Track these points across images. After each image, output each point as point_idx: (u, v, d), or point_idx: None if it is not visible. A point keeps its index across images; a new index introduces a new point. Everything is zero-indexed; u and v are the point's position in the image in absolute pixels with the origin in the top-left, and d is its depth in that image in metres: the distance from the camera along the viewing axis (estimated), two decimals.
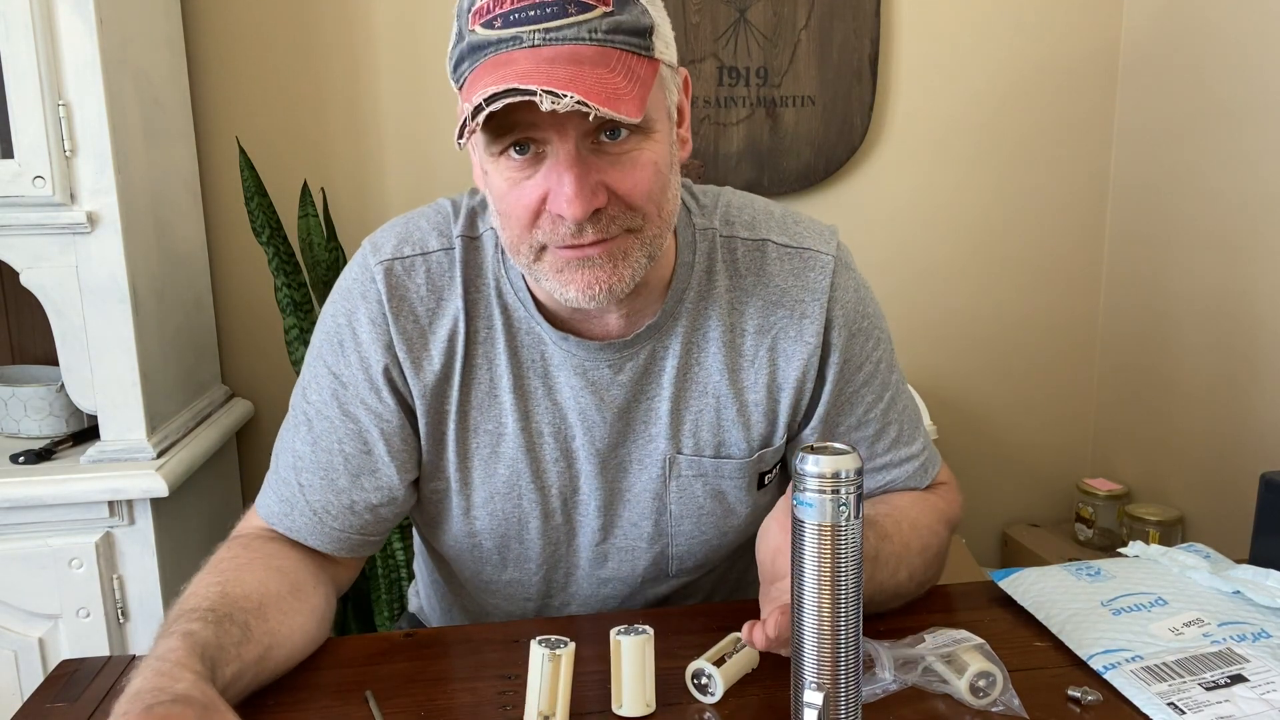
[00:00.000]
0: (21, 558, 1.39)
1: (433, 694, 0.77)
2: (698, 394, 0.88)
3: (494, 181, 0.76)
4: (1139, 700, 0.72)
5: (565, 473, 0.89)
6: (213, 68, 1.81)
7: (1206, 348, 1.83)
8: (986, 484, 2.19)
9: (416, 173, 1.89)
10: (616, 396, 0.87)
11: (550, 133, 0.71)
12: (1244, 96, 1.71)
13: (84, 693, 0.79)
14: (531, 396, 0.87)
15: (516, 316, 0.86)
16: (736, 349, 0.88)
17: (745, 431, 0.89)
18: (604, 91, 0.67)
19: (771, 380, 0.89)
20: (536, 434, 0.88)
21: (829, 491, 0.60)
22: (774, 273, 0.88)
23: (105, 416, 1.45)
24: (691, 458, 0.89)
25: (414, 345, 0.85)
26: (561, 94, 0.65)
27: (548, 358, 0.87)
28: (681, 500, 0.90)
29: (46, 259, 1.40)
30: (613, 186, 0.73)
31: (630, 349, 0.86)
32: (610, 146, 0.73)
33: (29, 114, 1.34)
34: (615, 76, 0.69)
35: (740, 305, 0.88)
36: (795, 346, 0.88)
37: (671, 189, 0.79)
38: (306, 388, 0.88)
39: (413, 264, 0.86)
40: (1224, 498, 1.80)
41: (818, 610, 0.62)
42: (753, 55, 1.91)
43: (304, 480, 0.86)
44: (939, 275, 2.08)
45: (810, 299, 0.88)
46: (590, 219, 0.73)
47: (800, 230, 0.90)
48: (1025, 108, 2.04)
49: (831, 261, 0.89)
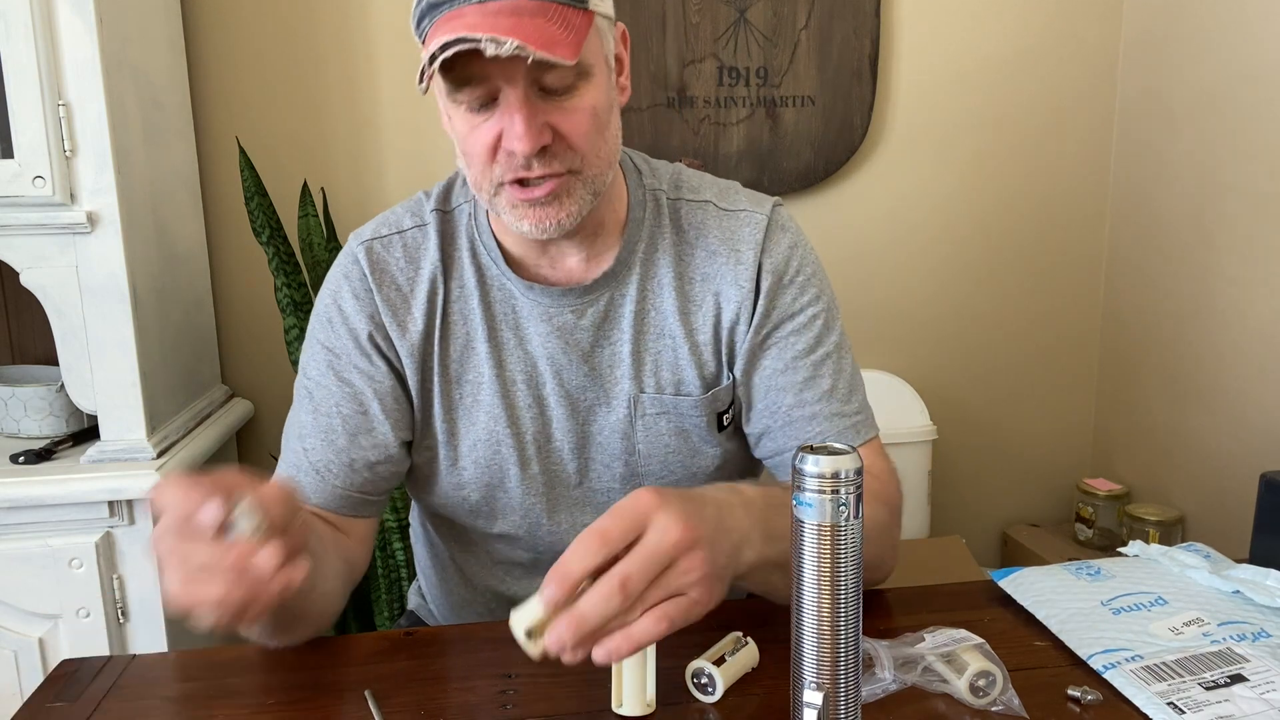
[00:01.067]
0: (21, 558, 1.39)
1: (433, 693, 0.77)
2: (654, 336, 0.96)
3: (456, 125, 0.86)
4: (1139, 700, 0.72)
5: (538, 418, 0.96)
6: (213, 68, 1.81)
7: (1206, 348, 1.83)
8: (986, 484, 2.19)
9: (416, 173, 1.89)
10: (581, 340, 0.95)
11: (500, 81, 0.80)
12: (1245, 96, 1.71)
13: (84, 693, 0.79)
14: (504, 346, 0.95)
15: (490, 274, 0.95)
16: (686, 295, 0.96)
17: (699, 370, 0.96)
18: (541, 38, 0.75)
19: (716, 322, 0.96)
20: (510, 382, 0.96)
21: (828, 491, 0.60)
22: (713, 228, 0.97)
23: (105, 416, 1.45)
24: (654, 396, 0.96)
25: (398, 310, 0.94)
26: (503, 40, 0.73)
27: (518, 310, 0.95)
28: (648, 439, 0.97)
29: (46, 259, 1.40)
30: (556, 127, 0.82)
31: (590, 294, 0.94)
32: (554, 94, 0.82)
33: (29, 114, 1.34)
34: (552, 25, 0.77)
35: (687, 257, 0.97)
36: (732, 290, 0.95)
37: (610, 130, 0.87)
38: (305, 367, 0.96)
39: (390, 241, 0.96)
40: (1224, 498, 1.80)
41: (817, 610, 0.62)
42: (753, 55, 1.91)
43: (307, 445, 0.93)
44: (939, 275, 2.08)
45: (745, 249, 0.96)
46: (538, 155, 0.82)
47: (739, 197, 0.99)
48: (1025, 107, 2.04)
49: (764, 219, 0.97)
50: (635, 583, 0.62)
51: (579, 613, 0.62)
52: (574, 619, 0.62)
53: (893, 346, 2.10)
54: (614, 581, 0.62)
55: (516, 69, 0.78)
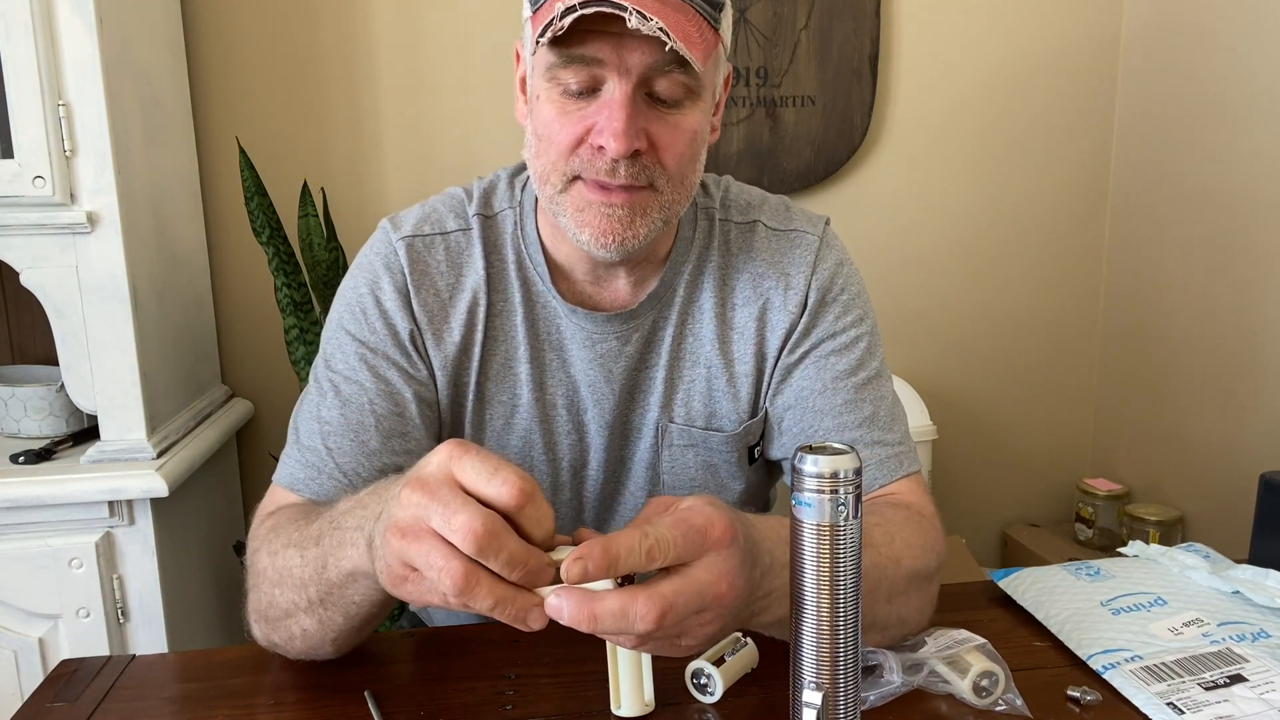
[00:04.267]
0: (21, 558, 1.39)
1: (433, 694, 0.76)
2: (690, 364, 0.91)
3: (542, 107, 0.78)
4: (1138, 700, 0.72)
5: (576, 445, 0.92)
6: (213, 68, 1.81)
7: (1206, 348, 1.83)
8: (986, 484, 2.19)
9: (416, 173, 1.89)
10: (623, 368, 0.90)
11: (611, 71, 0.74)
12: (1245, 96, 1.71)
13: (84, 693, 0.79)
14: (547, 368, 0.90)
15: (535, 290, 0.90)
16: (727, 322, 0.91)
17: (735, 403, 0.91)
18: (682, 32, 0.71)
19: (759, 349, 0.91)
20: (550, 405, 0.90)
21: (827, 491, 0.60)
22: (761, 249, 0.92)
23: (105, 416, 1.45)
24: (682, 427, 0.91)
25: (435, 318, 0.88)
26: (649, 17, 0.69)
27: (562, 330, 0.90)
28: (674, 471, 0.93)
29: (46, 259, 1.40)
30: (653, 139, 0.77)
31: (635, 319, 0.89)
32: (661, 104, 0.77)
33: (29, 114, 1.34)
34: (691, 26, 0.73)
35: (731, 281, 0.91)
36: (780, 316, 0.91)
37: (699, 163, 0.83)
38: (330, 358, 0.88)
39: (432, 241, 0.89)
40: (1224, 498, 1.80)
41: (816, 610, 0.62)
42: (753, 55, 1.91)
43: (332, 444, 0.84)
44: (939, 275, 2.08)
45: (796, 272, 0.91)
46: (626, 160, 0.76)
47: (790, 215, 0.94)
48: (1025, 107, 2.04)
49: (816, 240, 0.92)
50: (674, 618, 0.57)
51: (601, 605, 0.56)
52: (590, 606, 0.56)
53: (893, 346, 2.09)
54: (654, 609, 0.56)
55: (635, 61, 0.74)
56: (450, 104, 1.88)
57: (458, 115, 1.88)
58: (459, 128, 1.89)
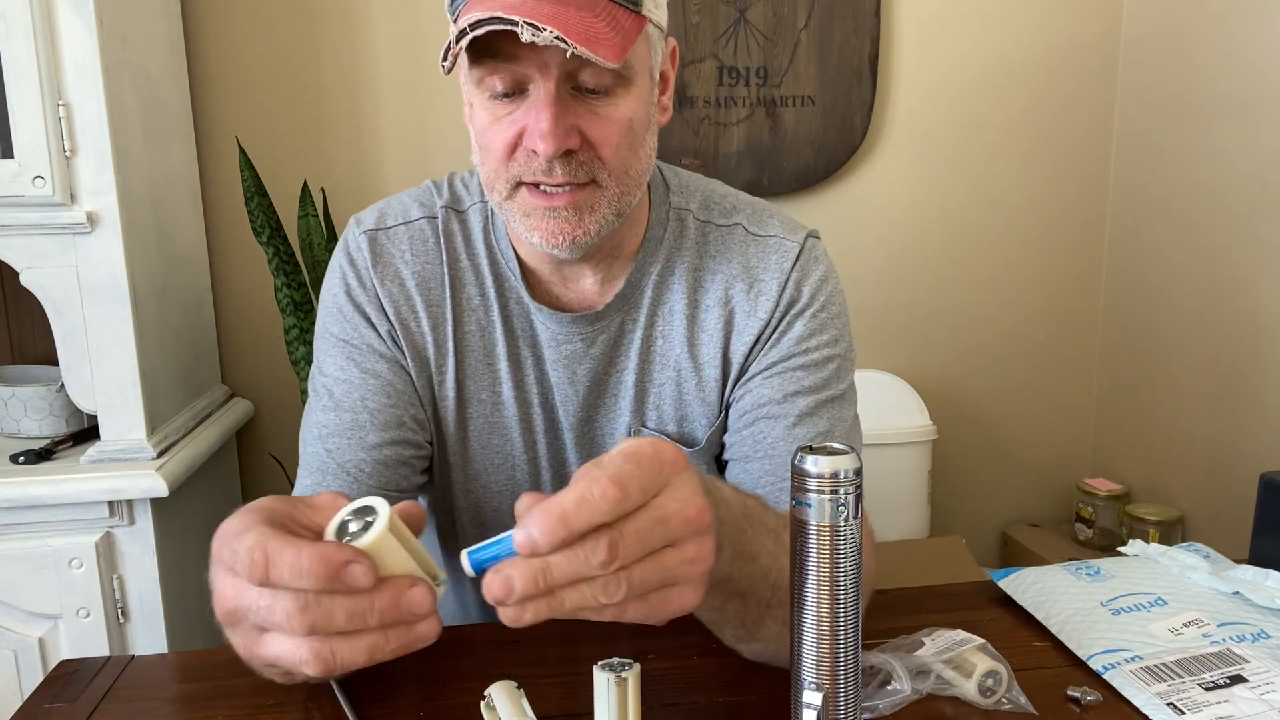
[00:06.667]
0: (21, 558, 1.39)
1: (433, 694, 0.76)
2: (660, 366, 0.90)
3: (477, 114, 0.79)
4: (1138, 700, 0.72)
5: (553, 444, 0.91)
6: (213, 68, 1.81)
7: (1206, 348, 1.83)
8: (986, 484, 2.19)
9: (416, 173, 1.89)
10: (588, 370, 0.89)
11: (533, 70, 0.73)
12: (1245, 96, 1.71)
13: (84, 693, 0.79)
14: (523, 365, 0.89)
15: (508, 285, 0.89)
16: (697, 323, 0.89)
17: (705, 406, 0.90)
18: (585, 33, 0.69)
19: (725, 352, 0.89)
20: (528, 404, 0.90)
21: (827, 492, 0.60)
22: (736, 252, 0.90)
23: (105, 416, 1.45)
24: (654, 431, 0.90)
25: (401, 310, 0.87)
26: (542, 27, 0.67)
27: (535, 328, 0.89)
28: None
29: (46, 259, 1.40)
30: (586, 133, 0.75)
31: (601, 321, 0.88)
32: (590, 96, 0.75)
33: (29, 114, 1.34)
34: (599, 22, 0.71)
35: (704, 282, 0.89)
36: (749, 321, 0.88)
37: (644, 149, 0.80)
38: (321, 365, 0.89)
39: (395, 232, 0.89)
40: (1224, 498, 1.80)
41: (816, 610, 0.62)
42: (753, 55, 1.91)
43: (331, 446, 0.85)
44: (939, 275, 2.08)
45: (769, 278, 0.89)
46: (561, 159, 0.75)
47: (772, 221, 0.92)
48: (1025, 107, 2.04)
49: (795, 248, 0.89)
50: (629, 549, 0.49)
51: (545, 560, 0.48)
52: (535, 566, 0.48)
53: (893, 346, 2.10)
54: (603, 538, 0.48)
55: (551, 60, 0.72)
56: (450, 104, 1.88)
57: (458, 115, 1.87)
58: (459, 128, 1.88)
